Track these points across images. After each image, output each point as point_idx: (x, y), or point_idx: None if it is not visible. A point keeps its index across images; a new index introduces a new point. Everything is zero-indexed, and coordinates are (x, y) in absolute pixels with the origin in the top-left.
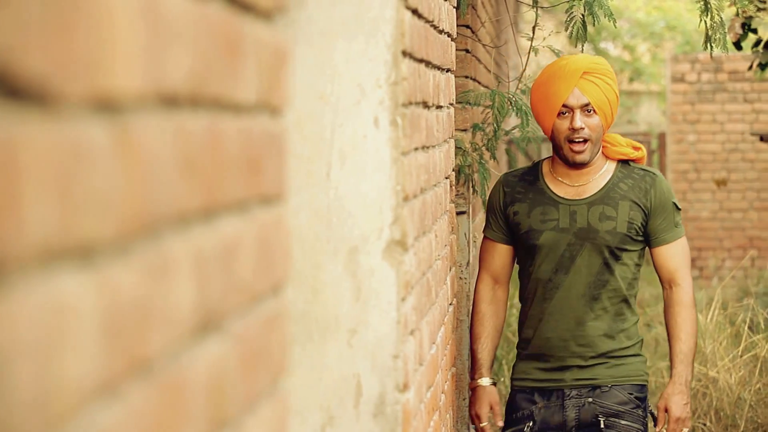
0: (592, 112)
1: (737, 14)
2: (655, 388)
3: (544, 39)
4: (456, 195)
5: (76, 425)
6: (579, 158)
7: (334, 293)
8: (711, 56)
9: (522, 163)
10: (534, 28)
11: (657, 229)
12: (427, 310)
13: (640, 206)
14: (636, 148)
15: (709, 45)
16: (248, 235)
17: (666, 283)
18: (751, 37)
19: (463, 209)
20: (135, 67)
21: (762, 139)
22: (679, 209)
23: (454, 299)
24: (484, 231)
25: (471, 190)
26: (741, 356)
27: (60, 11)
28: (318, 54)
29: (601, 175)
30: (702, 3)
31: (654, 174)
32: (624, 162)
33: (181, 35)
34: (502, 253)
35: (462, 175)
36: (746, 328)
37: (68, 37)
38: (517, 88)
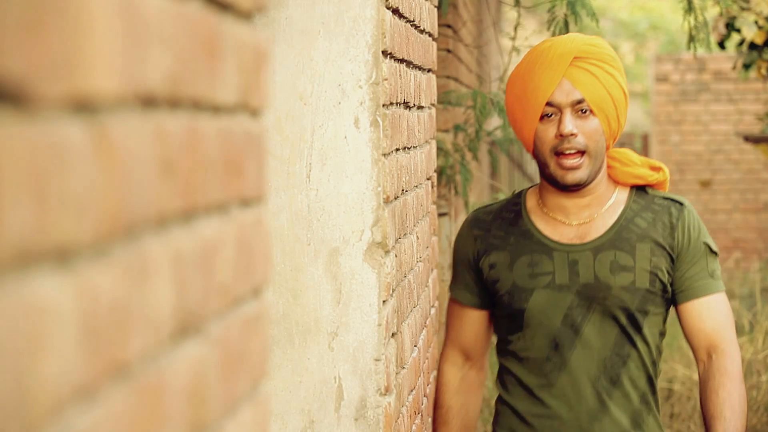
0: (588, 112)
1: (721, 14)
2: None
3: (526, 39)
4: (438, 196)
5: (53, 429)
6: (572, 177)
7: (315, 296)
8: (695, 56)
9: (505, 165)
10: (516, 27)
11: (687, 278)
12: (409, 313)
13: (664, 249)
14: (655, 169)
15: (692, 45)
16: (228, 237)
17: (703, 352)
18: (735, 37)
19: (445, 211)
20: (113, 67)
21: (747, 139)
22: (716, 254)
23: (436, 301)
24: (450, 289)
25: (453, 191)
26: None
27: (37, 11)
28: (298, 54)
29: (610, 207)
30: (685, 3)
31: (680, 204)
32: (639, 188)
33: (159, 35)
34: (473, 320)
35: (444, 176)
36: None
37: (45, 38)
38: (498, 88)
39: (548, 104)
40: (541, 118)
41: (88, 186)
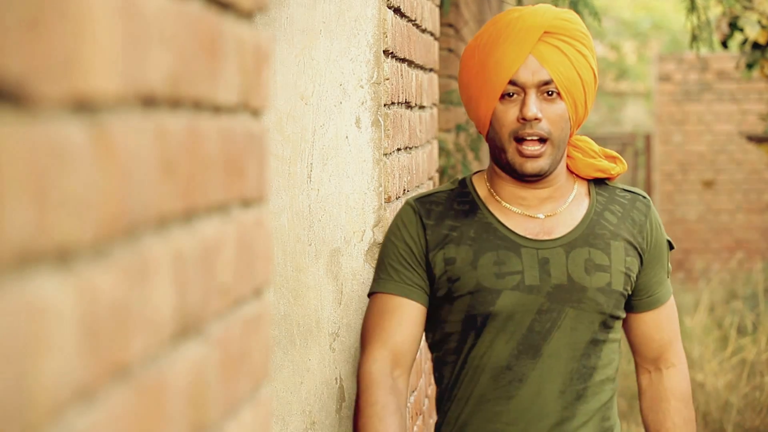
0: (555, 95)
1: (724, 13)
2: None
3: None
4: None
5: (53, 430)
6: (531, 166)
7: (316, 296)
8: (698, 55)
9: None
10: None
11: (653, 283)
12: None
13: (636, 249)
14: (611, 159)
15: (695, 44)
16: (229, 237)
17: (650, 363)
18: (738, 37)
19: None
20: (113, 67)
21: (750, 139)
22: (672, 248)
23: None
24: (378, 283)
25: None
26: (728, 360)
27: (37, 11)
28: (299, 54)
29: (573, 200)
30: (688, 2)
31: (645, 198)
32: (597, 180)
33: (160, 35)
34: (412, 318)
35: (445, 176)
36: (734, 331)
37: (45, 38)
38: None
39: (511, 83)
40: (502, 97)
41: (89, 186)
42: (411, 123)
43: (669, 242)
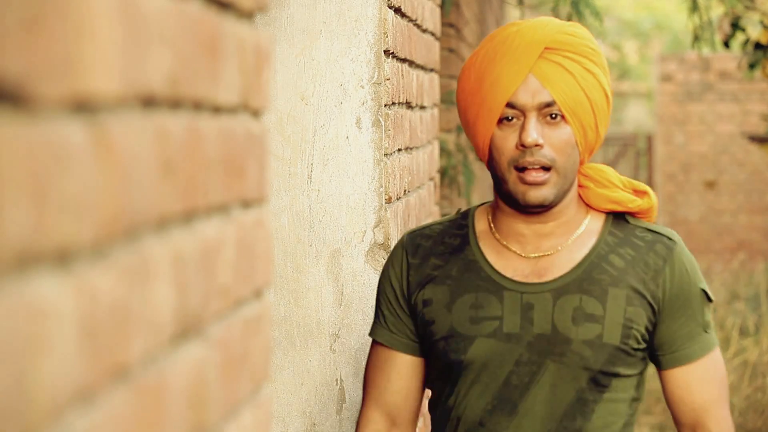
0: (558, 118)
1: (726, 13)
2: None
3: None
4: (440, 197)
5: (53, 431)
6: (535, 195)
7: (316, 297)
8: (699, 55)
9: None
10: None
11: (677, 337)
12: None
13: (644, 297)
14: (639, 193)
15: (697, 44)
16: (229, 238)
17: (687, 429)
18: (740, 37)
19: (448, 212)
20: (113, 67)
21: (752, 139)
22: (711, 300)
23: None
24: (372, 332)
25: (456, 192)
26: (731, 361)
27: (36, 12)
28: (299, 53)
29: (579, 238)
30: (690, 2)
31: (669, 239)
32: (618, 216)
33: (160, 35)
34: (404, 370)
35: (446, 177)
36: (736, 332)
37: (45, 38)
38: None
39: (509, 105)
40: (500, 121)
41: (88, 187)
42: (412, 123)
43: (705, 292)
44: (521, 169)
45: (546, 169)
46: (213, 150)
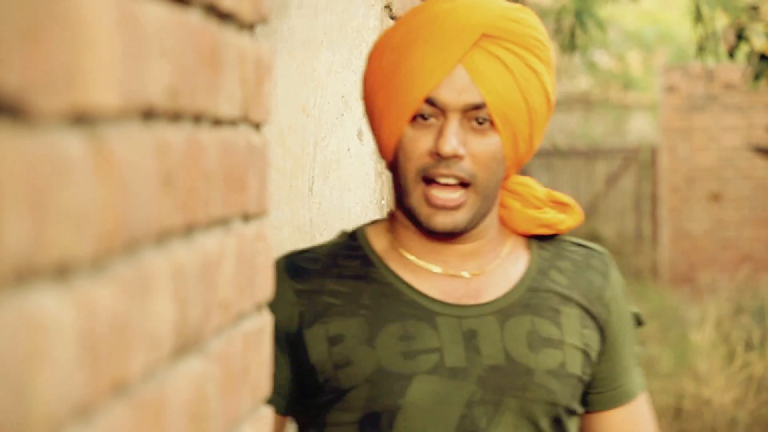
0: (487, 124)
1: (731, 24)
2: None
3: None
4: None
5: None
6: (442, 221)
7: None
8: (704, 66)
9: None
10: None
11: (616, 370)
12: None
13: (595, 320)
14: (561, 206)
15: (702, 54)
16: (229, 251)
17: None
18: (745, 47)
19: None
20: (113, 80)
21: (759, 151)
22: (640, 324)
23: None
24: None
25: None
26: (737, 374)
27: (35, 24)
28: (300, 65)
29: (508, 255)
30: (695, 12)
31: (602, 254)
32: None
33: (160, 47)
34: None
35: None
36: (741, 345)
37: (44, 51)
38: None
39: (428, 101)
40: (413, 118)
41: (88, 200)
42: None
43: (637, 316)
44: (430, 180)
45: (464, 185)
46: (213, 162)
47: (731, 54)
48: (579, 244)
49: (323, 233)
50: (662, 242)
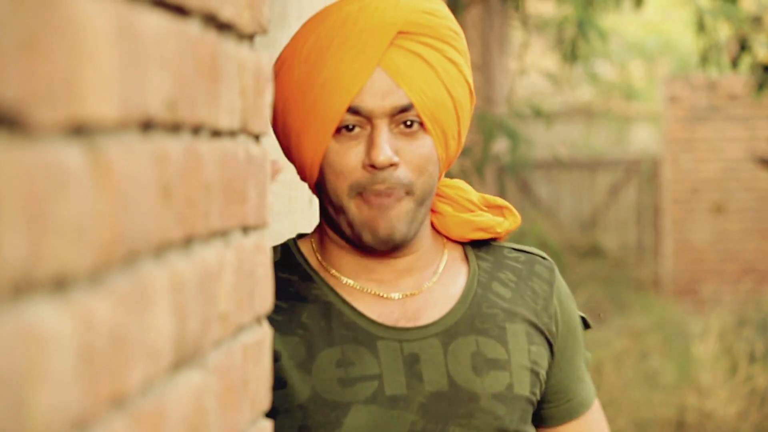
0: (416, 126)
1: (735, 35)
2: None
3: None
4: None
5: None
6: (385, 226)
7: None
8: (707, 77)
9: (512, 188)
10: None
11: (569, 381)
12: None
13: (542, 333)
14: (498, 209)
15: (705, 63)
16: (229, 263)
17: None
18: (747, 59)
19: None
20: (111, 91)
21: (764, 162)
22: (587, 327)
23: None
24: None
25: None
26: (740, 387)
27: (33, 36)
28: None
29: (444, 272)
30: (697, 23)
31: (545, 259)
32: (477, 241)
33: (159, 57)
34: None
35: None
36: (744, 357)
37: (42, 62)
38: (505, 109)
39: (351, 110)
40: (338, 131)
41: (86, 212)
42: None
43: (583, 319)
44: (364, 192)
45: (405, 191)
46: (213, 174)
47: (734, 64)
48: (519, 250)
49: None
50: (665, 254)
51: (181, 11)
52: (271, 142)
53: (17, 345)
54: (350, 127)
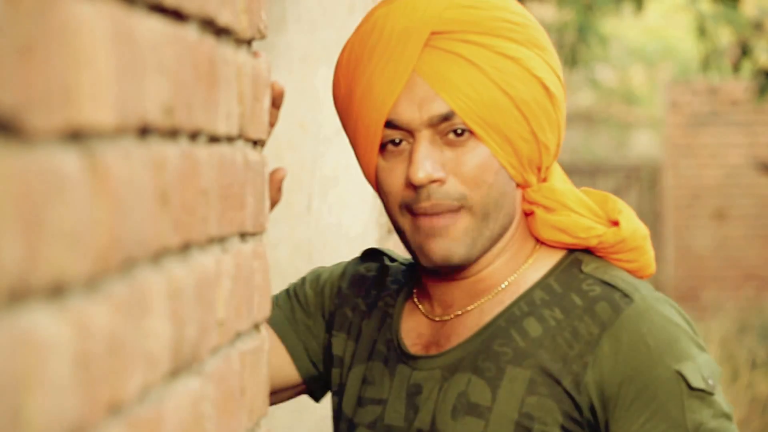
0: (466, 134)
1: (737, 41)
2: None
3: None
4: None
5: None
6: (442, 255)
7: None
8: (709, 82)
9: None
10: None
11: None
12: None
13: (560, 384)
14: (612, 223)
15: (706, 70)
16: (226, 270)
17: None
18: (748, 66)
19: None
20: (109, 96)
21: (765, 168)
22: (707, 393)
23: None
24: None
25: None
26: (741, 394)
27: (31, 41)
28: (298, 81)
29: (508, 287)
30: (698, 28)
31: (625, 296)
32: (576, 261)
33: (156, 63)
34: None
35: None
36: (746, 364)
37: (39, 68)
38: None
39: (390, 125)
40: (383, 146)
41: (83, 218)
42: None
43: (684, 378)
44: (415, 213)
45: (457, 208)
46: (210, 180)
47: (736, 69)
48: (606, 283)
49: (321, 251)
50: (665, 260)
51: (178, 16)
52: (269, 148)
53: (14, 351)
54: (396, 141)
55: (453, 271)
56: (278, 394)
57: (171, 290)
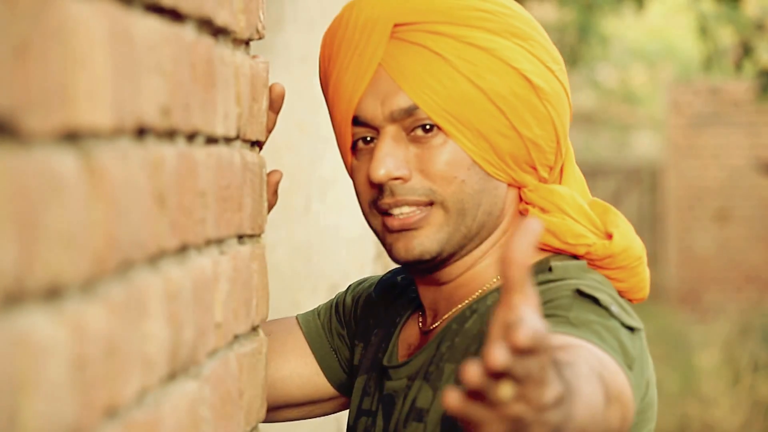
0: (434, 129)
1: (740, 42)
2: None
3: None
4: None
5: None
6: (405, 248)
7: None
8: (710, 83)
9: None
10: None
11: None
12: None
13: None
14: (608, 236)
15: (708, 70)
16: (224, 271)
17: None
18: (749, 66)
19: None
20: (105, 97)
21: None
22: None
23: None
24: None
25: None
26: (743, 397)
27: (27, 42)
28: (296, 81)
29: (489, 288)
30: (700, 28)
31: (555, 281)
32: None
33: (154, 63)
34: (291, 359)
35: None
36: (747, 367)
37: (36, 69)
38: None
39: (357, 121)
40: (355, 145)
41: (80, 219)
42: None
43: (580, 292)
44: (382, 211)
45: (422, 204)
46: (208, 181)
47: (738, 69)
48: (557, 279)
49: (320, 253)
50: (667, 262)
51: (175, 16)
52: (266, 148)
53: (10, 354)
54: (368, 139)
55: (430, 271)
56: (316, 405)
57: (168, 292)
